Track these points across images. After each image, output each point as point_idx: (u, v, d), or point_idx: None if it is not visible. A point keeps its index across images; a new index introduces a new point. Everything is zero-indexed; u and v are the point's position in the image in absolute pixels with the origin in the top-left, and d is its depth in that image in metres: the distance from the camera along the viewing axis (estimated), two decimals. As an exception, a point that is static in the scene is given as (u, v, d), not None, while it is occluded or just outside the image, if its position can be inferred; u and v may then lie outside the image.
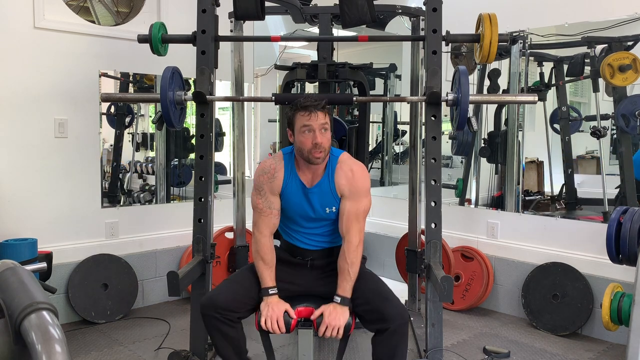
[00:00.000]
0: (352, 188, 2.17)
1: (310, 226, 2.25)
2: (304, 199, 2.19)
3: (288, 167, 2.21)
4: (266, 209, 2.21)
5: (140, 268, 3.57)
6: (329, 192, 2.18)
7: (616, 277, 2.97)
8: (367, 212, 2.23)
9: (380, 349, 2.07)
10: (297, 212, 2.22)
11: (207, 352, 2.54)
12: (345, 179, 2.18)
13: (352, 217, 2.17)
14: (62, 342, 0.87)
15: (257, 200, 2.22)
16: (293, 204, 2.20)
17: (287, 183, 2.20)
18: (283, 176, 2.20)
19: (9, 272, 1.00)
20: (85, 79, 3.33)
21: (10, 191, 3.10)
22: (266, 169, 2.23)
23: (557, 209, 3.59)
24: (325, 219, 2.22)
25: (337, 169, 2.19)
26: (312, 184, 2.19)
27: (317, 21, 3.02)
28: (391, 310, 2.01)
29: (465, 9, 3.50)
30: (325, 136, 2.12)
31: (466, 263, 3.61)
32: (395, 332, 2.01)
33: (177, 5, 3.63)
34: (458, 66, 2.66)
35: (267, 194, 2.21)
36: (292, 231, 2.29)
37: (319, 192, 2.18)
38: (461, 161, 4.10)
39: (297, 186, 2.20)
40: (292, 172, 2.21)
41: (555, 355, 2.93)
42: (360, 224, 2.19)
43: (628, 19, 3.08)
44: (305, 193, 2.19)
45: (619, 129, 3.21)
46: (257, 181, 2.23)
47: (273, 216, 2.21)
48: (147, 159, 3.85)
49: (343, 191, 2.18)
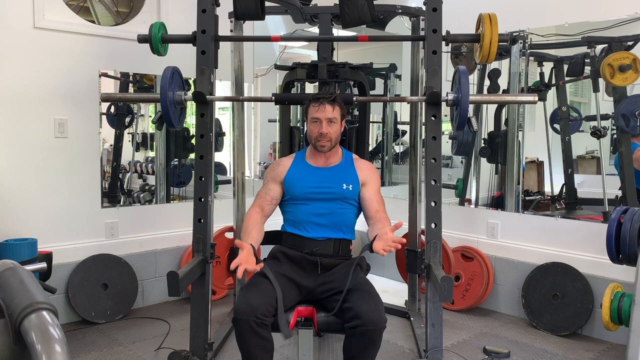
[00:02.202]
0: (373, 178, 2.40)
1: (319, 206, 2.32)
2: (317, 175, 2.36)
3: (298, 158, 2.44)
4: (263, 193, 2.41)
5: (140, 268, 3.57)
6: (349, 173, 2.37)
7: (616, 277, 2.97)
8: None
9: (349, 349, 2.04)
10: (308, 187, 2.34)
11: (207, 352, 2.54)
12: (366, 167, 2.43)
13: (381, 201, 2.36)
14: (62, 342, 0.87)
15: (260, 190, 2.43)
16: (303, 180, 2.36)
17: (292, 169, 2.40)
18: (290, 164, 2.42)
19: (9, 272, 1.00)
20: (85, 79, 3.33)
21: (10, 191, 3.10)
22: (273, 163, 2.50)
23: (557, 209, 3.59)
24: (340, 197, 2.32)
25: (356, 161, 2.44)
26: (327, 165, 2.38)
27: (317, 21, 3.02)
28: (370, 313, 1.97)
29: (465, 9, 3.51)
30: (332, 128, 2.31)
31: (466, 263, 3.61)
32: (366, 334, 1.97)
33: (177, 5, 3.63)
34: (458, 66, 2.66)
35: (269, 182, 2.42)
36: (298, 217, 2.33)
37: (338, 171, 2.37)
38: (461, 161, 4.10)
39: (307, 168, 2.39)
40: (302, 161, 2.42)
41: (555, 355, 2.93)
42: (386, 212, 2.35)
43: (628, 19, 3.08)
44: (319, 171, 2.37)
45: (619, 129, 3.21)
46: (265, 174, 2.48)
47: (265, 201, 2.38)
48: (147, 159, 3.85)
49: (366, 177, 2.38)
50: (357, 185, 2.35)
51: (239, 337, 2.01)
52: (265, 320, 1.99)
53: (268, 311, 2.01)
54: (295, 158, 2.46)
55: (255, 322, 1.96)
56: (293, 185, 2.36)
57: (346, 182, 2.34)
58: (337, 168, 2.39)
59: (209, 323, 2.59)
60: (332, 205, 2.32)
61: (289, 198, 2.38)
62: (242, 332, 1.98)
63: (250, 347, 2.01)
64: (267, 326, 2.01)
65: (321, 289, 2.22)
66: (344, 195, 2.32)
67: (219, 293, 3.71)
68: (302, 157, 2.45)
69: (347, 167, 2.40)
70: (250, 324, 1.96)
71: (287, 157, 2.52)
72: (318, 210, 2.32)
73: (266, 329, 2.01)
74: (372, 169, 2.46)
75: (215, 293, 3.57)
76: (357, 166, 2.41)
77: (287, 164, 2.43)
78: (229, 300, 3.70)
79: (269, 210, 2.40)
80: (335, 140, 2.35)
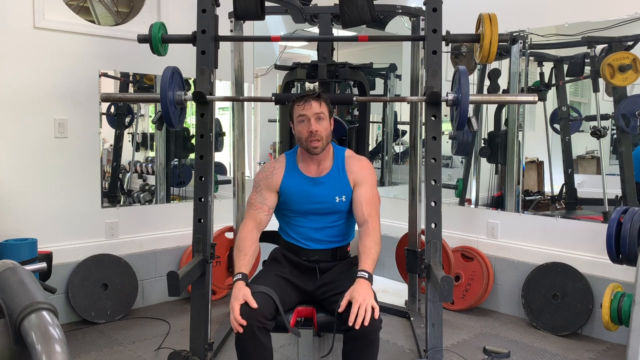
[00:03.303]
0: (364, 176, 2.24)
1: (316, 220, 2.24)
2: (311, 190, 2.23)
3: (289, 164, 2.29)
4: (258, 203, 2.26)
5: (140, 268, 3.57)
6: (341, 181, 2.23)
7: (616, 277, 2.97)
8: (379, 203, 2.24)
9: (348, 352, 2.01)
10: (303, 204, 2.23)
11: (207, 352, 2.54)
12: (356, 167, 2.25)
13: (370, 201, 2.19)
14: (62, 342, 0.87)
15: (252, 195, 2.29)
16: (298, 195, 2.23)
17: (287, 178, 2.25)
18: (283, 173, 2.27)
19: (9, 272, 1.00)
20: (85, 79, 3.33)
21: (10, 191, 3.10)
22: (266, 169, 2.33)
23: (557, 209, 3.59)
24: (334, 211, 2.22)
25: (347, 160, 2.27)
26: (320, 174, 2.24)
27: (317, 21, 3.02)
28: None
29: (465, 9, 3.50)
30: (321, 125, 2.16)
31: (466, 263, 3.61)
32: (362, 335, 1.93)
33: (177, 5, 3.63)
34: (458, 66, 2.66)
35: (263, 190, 2.27)
36: (295, 230, 2.28)
37: (330, 182, 2.23)
38: (461, 161, 4.10)
39: (300, 179, 2.24)
40: (294, 168, 2.27)
41: (555, 355, 2.93)
42: (378, 211, 2.21)
43: (628, 19, 3.08)
44: (312, 184, 2.23)
45: (619, 129, 3.21)
46: (256, 180, 2.32)
47: (262, 211, 2.24)
48: (147, 159, 3.85)
49: (356, 178, 2.23)
50: (349, 191, 2.23)
51: (240, 342, 1.96)
52: (266, 325, 1.95)
53: (270, 313, 1.99)
54: (287, 164, 2.29)
55: (257, 326, 1.92)
56: (288, 198, 2.26)
57: (339, 193, 2.21)
58: (329, 177, 2.25)
59: (209, 323, 2.59)
60: (327, 219, 2.25)
61: (285, 207, 2.30)
62: (242, 338, 1.93)
63: (250, 353, 1.96)
64: (268, 332, 1.98)
65: (320, 291, 2.20)
66: (338, 208, 2.23)
67: (219, 293, 3.71)
68: (294, 163, 2.29)
69: (339, 173, 2.25)
70: (253, 328, 1.91)
71: (278, 162, 2.32)
72: (314, 225, 2.25)
73: (267, 335, 1.97)
74: (363, 167, 2.27)
75: (215, 293, 3.56)
76: (347, 169, 2.24)
77: (280, 172, 2.27)
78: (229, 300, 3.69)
79: (266, 221, 2.26)
80: (327, 139, 2.20)
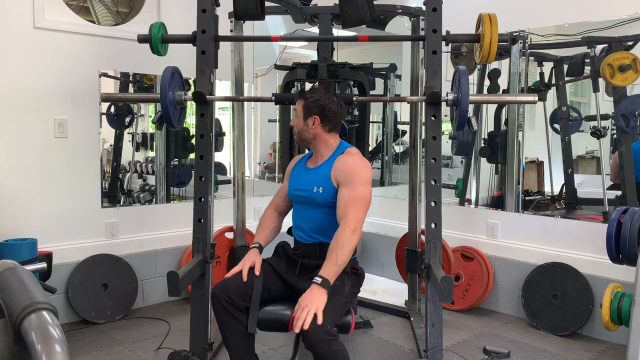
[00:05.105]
0: (348, 175, 2.17)
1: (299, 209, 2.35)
2: (301, 176, 2.36)
3: (305, 157, 2.46)
4: (280, 189, 2.50)
5: (140, 268, 3.57)
6: (323, 174, 2.26)
7: (616, 277, 2.97)
8: (366, 201, 2.15)
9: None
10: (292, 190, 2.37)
11: (207, 352, 2.54)
12: (341, 164, 2.21)
13: (350, 201, 2.12)
14: (62, 342, 0.87)
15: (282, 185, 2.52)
16: (292, 180, 2.39)
17: (295, 167, 2.44)
18: (296, 162, 2.47)
19: (9, 272, 1.00)
20: (85, 79, 3.33)
21: (10, 191, 3.10)
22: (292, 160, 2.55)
23: (557, 209, 3.59)
24: (311, 201, 2.25)
25: (339, 156, 2.27)
26: (316, 164, 2.34)
27: (317, 21, 3.02)
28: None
29: (465, 9, 3.50)
30: (295, 121, 2.33)
31: (466, 263, 3.61)
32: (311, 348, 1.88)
33: (177, 5, 3.63)
34: (458, 66, 2.66)
35: (285, 178, 2.51)
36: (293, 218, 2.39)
37: (316, 172, 2.30)
38: (461, 161, 4.10)
39: (301, 168, 2.39)
40: (305, 159, 2.43)
41: (555, 355, 2.93)
42: (357, 212, 2.10)
43: (628, 19, 3.08)
44: (304, 171, 2.36)
45: (619, 129, 3.21)
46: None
47: (281, 198, 2.46)
48: (147, 159, 3.85)
49: (338, 177, 2.19)
50: (329, 185, 2.20)
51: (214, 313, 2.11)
52: (237, 305, 2.08)
53: (246, 294, 2.10)
54: (305, 156, 2.46)
55: (226, 300, 2.05)
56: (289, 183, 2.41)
57: (317, 184, 2.22)
58: (318, 168, 2.29)
59: (209, 323, 2.59)
60: (307, 209, 2.28)
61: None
62: (215, 308, 2.09)
63: (223, 326, 2.10)
64: (242, 312, 2.10)
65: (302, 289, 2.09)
66: (314, 199, 2.22)
67: (219, 293, 3.70)
68: (308, 156, 2.44)
69: (326, 166, 2.25)
70: (222, 302, 2.06)
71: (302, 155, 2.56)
72: (301, 214, 2.33)
73: (241, 314, 2.09)
74: (349, 166, 2.19)
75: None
76: (334, 165, 2.22)
77: (294, 161, 2.48)
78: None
79: (284, 207, 2.45)
80: (301, 134, 2.28)
